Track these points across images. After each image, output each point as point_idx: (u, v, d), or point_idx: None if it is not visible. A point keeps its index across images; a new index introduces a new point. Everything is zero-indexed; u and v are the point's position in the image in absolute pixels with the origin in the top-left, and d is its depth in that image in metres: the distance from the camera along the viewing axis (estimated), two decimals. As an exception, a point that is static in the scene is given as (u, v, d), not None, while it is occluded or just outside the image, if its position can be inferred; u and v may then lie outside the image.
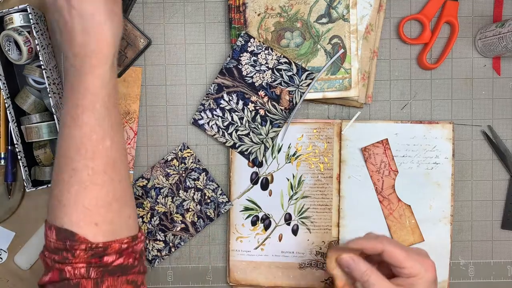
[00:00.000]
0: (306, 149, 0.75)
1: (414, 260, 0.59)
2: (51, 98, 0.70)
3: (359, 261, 0.60)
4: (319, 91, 0.73)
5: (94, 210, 0.55)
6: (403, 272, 0.58)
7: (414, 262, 0.58)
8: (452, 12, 0.75)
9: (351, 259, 0.60)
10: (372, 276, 0.58)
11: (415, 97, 0.77)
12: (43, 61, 0.70)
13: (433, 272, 0.59)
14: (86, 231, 0.54)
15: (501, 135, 0.76)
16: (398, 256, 0.58)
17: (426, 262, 0.59)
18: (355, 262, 0.60)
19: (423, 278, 0.58)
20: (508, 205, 0.77)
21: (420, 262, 0.59)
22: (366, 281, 0.58)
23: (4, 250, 0.77)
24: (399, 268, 0.59)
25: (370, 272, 0.59)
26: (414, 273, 0.58)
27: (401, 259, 0.58)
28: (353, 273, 0.60)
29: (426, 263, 0.59)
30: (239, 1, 0.73)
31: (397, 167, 0.75)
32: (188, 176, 0.76)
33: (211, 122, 0.74)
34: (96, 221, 0.55)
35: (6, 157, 0.75)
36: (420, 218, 0.75)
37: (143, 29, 0.76)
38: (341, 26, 0.73)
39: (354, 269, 0.59)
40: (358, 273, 0.59)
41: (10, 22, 0.70)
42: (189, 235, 0.76)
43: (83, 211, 0.54)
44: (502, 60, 0.76)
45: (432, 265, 0.59)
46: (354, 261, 0.60)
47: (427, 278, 0.58)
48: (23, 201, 0.77)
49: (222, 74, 0.74)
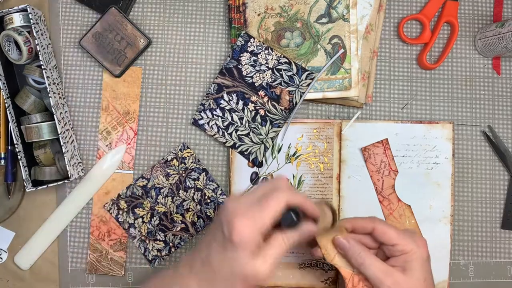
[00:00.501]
0: (306, 149, 0.75)
1: (406, 237, 0.58)
2: (51, 98, 0.70)
3: (354, 243, 0.59)
4: (319, 91, 0.73)
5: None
6: (395, 249, 0.58)
7: (406, 238, 0.58)
8: (452, 12, 0.75)
9: (346, 240, 0.60)
10: (367, 258, 0.58)
11: (415, 97, 0.77)
12: (43, 61, 0.70)
13: (425, 249, 0.59)
14: None
15: (501, 135, 0.76)
16: (390, 233, 0.58)
17: (418, 239, 0.59)
18: (350, 244, 0.59)
19: (416, 254, 0.57)
20: (508, 205, 0.77)
21: (412, 238, 0.58)
22: (361, 263, 0.58)
23: (4, 250, 0.77)
24: (391, 247, 0.58)
25: (364, 254, 0.58)
26: (407, 250, 0.57)
27: (393, 236, 0.58)
28: (347, 255, 0.59)
29: (418, 239, 0.59)
30: (239, 1, 0.73)
31: (397, 167, 0.75)
32: (188, 176, 0.76)
33: (211, 122, 0.74)
34: None
35: (6, 157, 0.75)
36: (420, 218, 0.75)
37: (143, 29, 0.76)
38: (341, 26, 0.73)
39: (349, 250, 0.59)
40: (352, 255, 0.59)
41: (10, 22, 0.70)
42: (189, 235, 0.76)
43: None
44: (502, 60, 0.76)
45: (424, 242, 0.59)
46: (349, 243, 0.59)
47: (420, 254, 0.58)
48: (23, 201, 0.77)
49: (222, 74, 0.74)
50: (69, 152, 0.72)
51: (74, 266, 0.78)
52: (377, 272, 0.57)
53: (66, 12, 0.76)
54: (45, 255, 0.77)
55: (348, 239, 0.60)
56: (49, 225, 0.77)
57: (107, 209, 0.76)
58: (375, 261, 0.58)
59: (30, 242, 0.77)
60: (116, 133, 0.76)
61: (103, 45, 0.74)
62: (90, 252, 0.77)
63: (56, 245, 0.77)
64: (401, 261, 0.58)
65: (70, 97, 0.77)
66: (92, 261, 0.77)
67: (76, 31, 0.76)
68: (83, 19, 0.76)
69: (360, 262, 0.58)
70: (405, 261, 0.57)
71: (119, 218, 0.76)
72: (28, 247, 0.77)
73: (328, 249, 0.61)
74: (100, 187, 0.77)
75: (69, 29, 0.76)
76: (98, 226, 0.77)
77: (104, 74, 0.76)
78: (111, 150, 0.76)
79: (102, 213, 0.77)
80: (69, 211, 0.77)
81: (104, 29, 0.74)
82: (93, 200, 0.77)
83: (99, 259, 0.77)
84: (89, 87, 0.77)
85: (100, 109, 0.77)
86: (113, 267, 0.77)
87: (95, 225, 0.77)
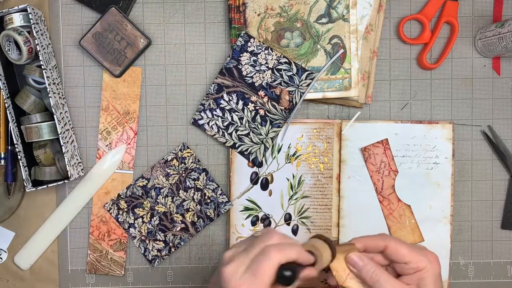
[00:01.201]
0: (306, 149, 0.75)
1: (418, 253, 0.57)
2: (51, 98, 0.70)
3: (368, 261, 0.58)
4: (319, 91, 0.73)
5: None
6: (408, 267, 0.57)
7: (418, 255, 0.57)
8: (452, 12, 0.75)
9: (359, 258, 0.58)
10: (382, 276, 0.56)
11: (415, 97, 0.77)
12: (43, 61, 0.70)
13: (438, 264, 0.58)
14: None
15: (501, 135, 0.76)
16: (403, 251, 0.57)
17: (429, 254, 0.58)
18: (364, 262, 0.57)
19: (430, 271, 0.56)
20: (508, 205, 0.77)
21: (424, 255, 0.57)
22: (376, 281, 0.56)
23: (4, 250, 0.77)
24: (404, 264, 0.57)
25: (379, 272, 0.57)
26: (421, 267, 0.56)
27: (406, 253, 0.57)
28: (362, 273, 0.57)
29: (430, 255, 0.58)
30: (239, 1, 0.73)
31: (397, 167, 0.75)
32: (188, 176, 0.76)
33: (211, 122, 0.74)
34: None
35: (6, 157, 0.75)
36: (420, 218, 0.75)
37: (143, 29, 0.76)
38: (341, 26, 0.73)
39: (363, 269, 0.57)
40: (367, 274, 0.57)
41: (10, 22, 0.70)
42: (189, 235, 0.76)
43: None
44: (502, 60, 0.76)
45: (436, 258, 0.58)
46: (363, 261, 0.58)
47: (433, 271, 0.57)
48: (23, 201, 0.77)
49: (222, 74, 0.74)
50: (69, 152, 0.72)
51: (74, 266, 0.78)
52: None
53: (66, 12, 0.76)
54: (45, 255, 0.77)
55: (362, 257, 0.58)
56: (49, 225, 0.77)
57: (107, 209, 0.76)
58: (390, 278, 0.57)
59: (30, 242, 0.77)
60: (116, 133, 0.76)
61: (103, 45, 0.74)
62: (90, 252, 0.77)
63: (56, 245, 0.77)
64: (415, 279, 0.57)
65: (70, 97, 0.77)
66: (92, 261, 0.77)
67: (76, 31, 0.76)
68: (83, 19, 0.76)
69: (376, 280, 0.57)
70: (419, 278, 0.56)
71: (119, 218, 0.76)
72: (28, 247, 0.77)
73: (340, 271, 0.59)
74: (100, 187, 0.77)
75: (69, 29, 0.76)
76: (98, 226, 0.77)
77: (104, 74, 0.76)
78: (111, 150, 0.76)
79: (102, 213, 0.77)
80: (69, 211, 0.77)
81: (104, 29, 0.74)
82: (93, 200, 0.77)
83: (99, 259, 0.77)
84: (89, 87, 0.77)
85: (100, 109, 0.77)
86: (113, 267, 0.77)
87: (95, 225, 0.77)
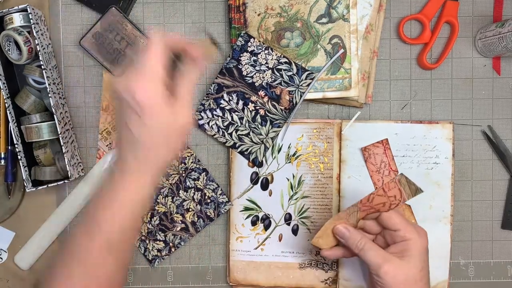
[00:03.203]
0: (306, 149, 0.75)
1: (409, 224, 0.60)
2: (51, 98, 0.70)
3: (353, 230, 0.62)
4: (319, 91, 0.73)
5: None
6: (397, 235, 0.60)
7: (409, 226, 0.60)
8: (452, 12, 0.75)
9: (345, 229, 0.62)
10: (367, 244, 0.60)
11: (415, 97, 0.77)
12: (43, 61, 0.70)
13: (426, 239, 0.61)
14: None
15: (501, 135, 0.76)
16: (395, 218, 0.60)
17: (419, 229, 0.61)
18: (350, 231, 0.62)
19: (417, 243, 0.59)
20: (508, 205, 0.77)
21: (414, 227, 0.61)
22: (361, 249, 0.60)
23: (4, 250, 0.77)
24: (393, 232, 0.60)
25: (364, 241, 0.60)
26: (409, 237, 0.59)
27: (398, 221, 0.60)
28: (348, 243, 0.61)
29: (420, 230, 0.61)
30: (239, 1, 0.73)
31: (397, 167, 0.75)
32: (188, 176, 0.76)
33: (211, 122, 0.74)
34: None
35: (6, 157, 0.75)
36: (420, 218, 0.75)
37: (143, 29, 0.76)
38: (341, 26, 0.73)
39: (349, 238, 0.61)
40: (352, 242, 0.61)
41: (10, 22, 0.70)
42: (189, 235, 0.76)
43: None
44: (502, 60, 0.76)
45: (425, 233, 0.61)
46: (349, 231, 0.62)
47: (420, 244, 0.59)
48: (23, 201, 0.77)
49: (222, 74, 0.74)
50: (69, 152, 0.72)
51: (74, 266, 0.78)
52: (376, 256, 0.59)
53: (66, 12, 0.76)
54: (45, 255, 0.77)
55: (348, 227, 0.62)
56: (49, 225, 0.77)
57: (107, 209, 0.76)
58: (374, 246, 0.60)
59: (30, 242, 0.77)
60: (116, 133, 0.76)
61: (103, 45, 0.74)
62: (90, 252, 0.77)
63: (56, 245, 0.77)
64: (400, 248, 0.60)
65: (70, 97, 0.77)
66: (92, 261, 0.77)
67: (76, 31, 0.76)
68: (83, 19, 0.76)
69: (360, 248, 0.60)
70: (404, 248, 0.59)
71: (119, 218, 0.76)
72: (28, 247, 0.77)
73: (326, 242, 0.64)
74: (100, 187, 0.77)
75: (69, 29, 0.76)
76: (98, 226, 0.77)
77: (104, 74, 0.76)
78: (111, 150, 0.76)
79: (102, 213, 0.76)
80: (69, 211, 0.77)
81: (104, 29, 0.74)
82: (93, 200, 0.77)
83: (99, 259, 0.77)
84: (89, 87, 0.77)
85: (100, 109, 0.77)
86: (113, 267, 0.77)
87: (95, 225, 0.77)
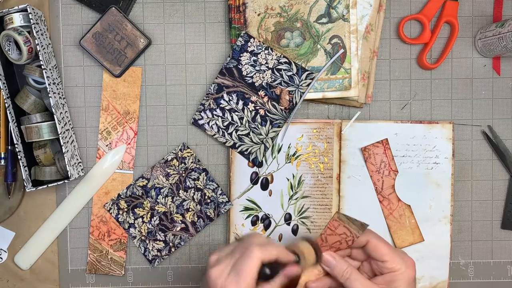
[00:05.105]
0: (306, 149, 0.75)
1: (396, 255, 0.59)
2: (51, 98, 0.70)
3: (339, 259, 0.60)
4: (319, 91, 0.73)
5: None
6: (384, 266, 0.58)
7: (396, 257, 0.59)
8: (452, 12, 0.75)
9: (331, 257, 0.60)
10: (353, 274, 0.59)
11: (415, 97, 0.77)
12: (43, 61, 0.70)
13: (413, 270, 0.59)
14: None
15: (501, 135, 0.76)
16: (382, 249, 0.59)
17: (407, 259, 0.60)
18: (336, 260, 0.60)
19: (404, 274, 0.58)
20: (508, 205, 0.77)
21: (402, 258, 0.59)
22: (347, 278, 0.59)
23: (4, 250, 0.77)
24: (381, 263, 0.59)
25: (350, 270, 0.59)
26: (396, 268, 0.58)
27: (385, 252, 0.58)
28: (334, 271, 0.60)
29: (407, 260, 0.59)
30: (239, 1, 0.73)
31: (397, 167, 0.75)
32: (188, 176, 0.76)
33: (211, 122, 0.74)
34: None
35: (6, 157, 0.75)
36: (420, 218, 0.75)
37: (143, 29, 0.76)
38: (341, 26, 0.73)
39: (335, 266, 0.60)
40: (338, 271, 0.59)
41: (10, 22, 0.70)
42: (189, 235, 0.76)
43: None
44: (502, 60, 0.76)
45: (413, 263, 0.60)
46: (335, 259, 0.60)
47: (408, 275, 0.58)
48: (23, 201, 0.77)
49: (222, 74, 0.74)
50: (69, 152, 0.72)
51: (74, 266, 0.78)
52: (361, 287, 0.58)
53: (66, 12, 0.76)
54: (45, 255, 0.77)
55: (334, 255, 0.60)
56: (49, 225, 0.77)
57: (107, 209, 0.76)
58: (360, 277, 0.59)
59: (30, 242, 0.77)
60: (116, 133, 0.76)
61: (103, 45, 0.74)
62: (90, 252, 0.77)
63: (56, 245, 0.77)
64: (388, 279, 0.58)
65: (70, 97, 0.77)
66: (92, 261, 0.77)
67: (76, 31, 0.76)
68: (83, 19, 0.76)
69: (346, 277, 0.59)
70: (392, 279, 0.58)
71: (119, 218, 0.76)
72: (28, 247, 0.77)
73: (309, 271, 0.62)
74: (100, 187, 0.77)
75: (69, 29, 0.76)
76: (98, 226, 0.77)
77: (104, 74, 0.76)
78: (111, 150, 0.76)
79: (102, 213, 0.77)
80: (69, 211, 0.77)
81: (104, 29, 0.74)
82: (93, 200, 0.77)
83: (99, 259, 0.77)
84: (89, 87, 0.77)
85: (100, 109, 0.77)
86: (113, 267, 0.77)
87: (95, 225, 0.77)
